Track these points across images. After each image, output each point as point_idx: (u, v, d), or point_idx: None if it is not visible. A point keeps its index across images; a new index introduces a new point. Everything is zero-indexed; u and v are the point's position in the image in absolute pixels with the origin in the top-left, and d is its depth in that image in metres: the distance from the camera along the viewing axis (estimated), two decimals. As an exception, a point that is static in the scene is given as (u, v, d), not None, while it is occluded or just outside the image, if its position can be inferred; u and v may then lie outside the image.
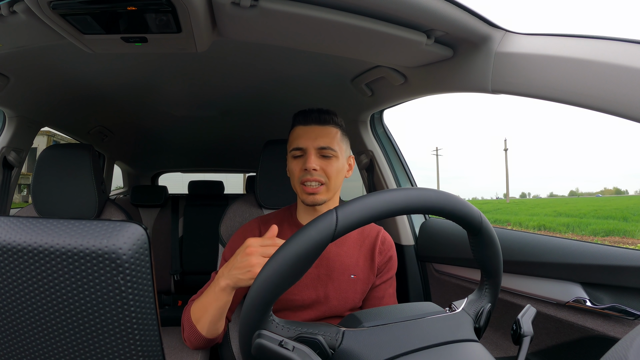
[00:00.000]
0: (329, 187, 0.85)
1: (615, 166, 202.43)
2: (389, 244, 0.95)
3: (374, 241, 0.93)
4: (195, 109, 1.56)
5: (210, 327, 0.76)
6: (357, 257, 0.91)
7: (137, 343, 0.36)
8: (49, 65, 1.03)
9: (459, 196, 0.51)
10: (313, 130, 0.85)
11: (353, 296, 0.89)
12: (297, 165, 0.86)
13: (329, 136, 0.85)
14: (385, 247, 0.94)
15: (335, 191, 0.87)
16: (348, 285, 0.88)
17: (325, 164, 0.84)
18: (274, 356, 0.44)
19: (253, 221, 0.95)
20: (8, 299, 0.36)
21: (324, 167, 0.84)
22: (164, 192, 2.15)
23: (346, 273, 0.89)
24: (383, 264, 0.93)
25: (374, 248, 0.92)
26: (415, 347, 0.47)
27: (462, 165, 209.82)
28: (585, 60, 0.59)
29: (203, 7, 0.63)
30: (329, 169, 0.84)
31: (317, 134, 0.84)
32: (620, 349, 0.30)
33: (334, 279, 0.88)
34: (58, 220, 0.36)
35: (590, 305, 0.77)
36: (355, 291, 0.89)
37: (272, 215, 0.97)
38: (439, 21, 0.70)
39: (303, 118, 0.87)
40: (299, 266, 0.43)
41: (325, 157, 0.84)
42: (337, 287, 0.88)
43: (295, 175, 0.86)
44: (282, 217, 0.96)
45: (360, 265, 0.91)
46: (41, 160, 1.11)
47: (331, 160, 0.84)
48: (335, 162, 0.85)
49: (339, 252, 0.91)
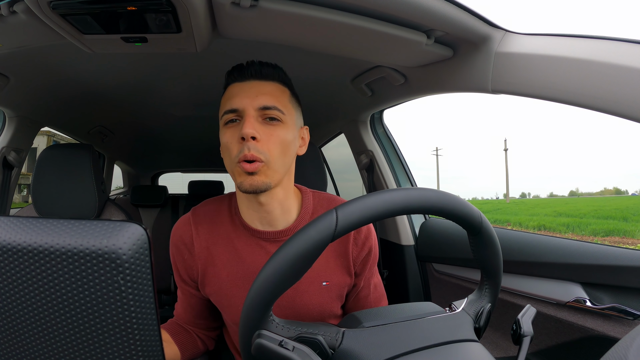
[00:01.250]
0: (271, 166, 0.62)
1: (615, 166, 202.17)
2: (366, 233, 0.73)
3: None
4: (195, 109, 1.56)
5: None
6: (327, 257, 0.71)
7: (137, 343, 0.36)
8: (49, 65, 1.03)
9: (459, 196, 0.51)
10: (252, 86, 0.64)
11: (329, 306, 0.72)
12: (233, 135, 0.63)
13: (274, 94, 0.64)
14: (361, 237, 0.72)
15: (283, 171, 0.65)
16: (320, 295, 0.70)
17: (266, 131, 0.62)
18: (274, 356, 0.44)
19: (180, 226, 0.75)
20: (8, 299, 0.36)
21: (265, 135, 0.62)
22: (164, 192, 2.15)
23: (316, 281, 0.70)
24: (360, 259, 0.73)
25: (346, 241, 0.72)
26: (415, 347, 0.47)
27: (462, 165, 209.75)
28: (586, 60, 0.59)
29: (203, 7, 0.63)
30: (270, 139, 0.62)
31: (258, 91, 0.63)
32: (620, 349, 0.30)
33: (302, 291, 0.69)
34: (58, 220, 0.36)
35: (590, 305, 0.77)
36: (331, 299, 0.72)
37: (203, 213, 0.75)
38: (439, 21, 0.70)
39: (239, 72, 0.66)
40: (299, 266, 0.44)
41: (269, 122, 0.63)
42: (306, 301, 0.70)
43: (232, 150, 0.63)
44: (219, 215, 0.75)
45: (332, 266, 0.71)
46: (41, 160, 1.11)
47: (277, 127, 0.63)
48: (282, 130, 0.63)
49: None
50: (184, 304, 0.80)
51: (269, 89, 0.65)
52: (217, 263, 0.71)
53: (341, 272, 0.72)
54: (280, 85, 0.67)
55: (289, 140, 0.65)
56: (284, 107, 0.64)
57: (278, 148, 0.63)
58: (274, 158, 0.62)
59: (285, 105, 0.65)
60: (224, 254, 0.71)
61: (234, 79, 0.67)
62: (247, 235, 0.71)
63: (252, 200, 0.67)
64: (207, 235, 0.72)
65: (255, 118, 0.62)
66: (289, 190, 0.71)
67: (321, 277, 0.71)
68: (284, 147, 0.64)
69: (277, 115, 0.63)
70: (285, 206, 0.70)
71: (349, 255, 0.72)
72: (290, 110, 0.67)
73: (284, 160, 0.64)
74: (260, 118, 0.63)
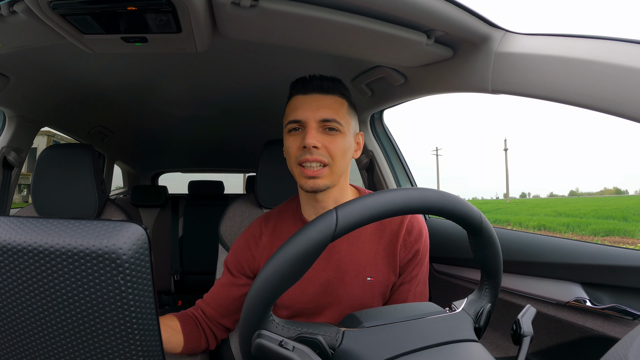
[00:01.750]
0: (333, 170, 0.70)
1: (615, 166, 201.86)
2: (417, 234, 0.77)
3: (397, 232, 0.76)
4: (195, 109, 1.56)
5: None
6: (375, 254, 0.75)
7: (137, 343, 0.36)
8: (49, 65, 1.03)
9: (459, 196, 0.51)
10: (314, 99, 0.71)
11: (371, 302, 0.75)
12: (295, 142, 0.71)
13: (334, 107, 0.71)
14: (412, 239, 0.76)
15: (340, 175, 0.73)
16: (364, 290, 0.74)
17: (329, 140, 0.70)
18: (274, 356, 0.44)
19: (255, 222, 0.86)
20: (8, 299, 0.36)
21: (327, 144, 0.69)
22: (164, 192, 2.16)
23: (361, 275, 0.75)
24: (407, 260, 0.76)
25: (396, 241, 0.75)
26: (415, 347, 0.47)
27: (462, 165, 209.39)
28: (586, 60, 0.59)
29: (203, 7, 0.63)
30: (333, 147, 0.69)
31: (319, 104, 0.71)
32: (620, 349, 0.30)
33: (347, 283, 0.75)
34: (58, 220, 0.36)
35: (590, 305, 0.77)
36: (374, 296, 0.75)
37: (275, 212, 0.87)
38: (439, 21, 0.70)
39: (302, 86, 0.73)
40: (299, 266, 0.44)
41: (328, 132, 0.71)
42: (350, 293, 0.74)
43: (292, 154, 0.71)
44: (285, 212, 0.85)
45: (379, 264, 0.75)
46: (41, 160, 1.11)
47: (336, 136, 0.70)
48: (341, 139, 0.71)
49: (351, 249, 0.76)
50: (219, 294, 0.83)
51: (329, 102, 0.72)
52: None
53: (387, 270, 0.76)
54: (340, 98, 0.74)
55: (346, 147, 0.72)
56: (342, 119, 0.72)
57: (338, 154, 0.70)
58: (336, 163, 0.71)
59: (344, 116, 0.72)
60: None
61: (297, 91, 0.74)
62: None
63: (310, 197, 0.77)
64: (273, 229, 0.82)
65: (316, 129, 0.70)
66: (345, 189, 0.78)
67: (366, 272, 0.75)
68: (341, 153, 0.71)
69: (336, 127, 0.71)
70: (339, 202, 0.75)
71: (396, 256, 0.76)
72: (347, 120, 0.73)
73: (342, 164, 0.72)
74: (320, 129, 0.71)
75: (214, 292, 0.84)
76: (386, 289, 0.76)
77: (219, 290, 0.84)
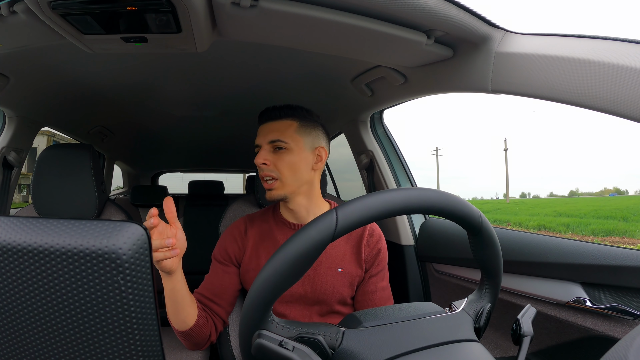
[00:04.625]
0: (284, 182, 0.84)
1: (615, 166, 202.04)
2: (377, 237, 0.94)
3: (361, 234, 0.92)
4: (195, 109, 1.56)
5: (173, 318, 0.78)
6: (344, 250, 0.91)
7: (137, 343, 0.36)
8: (49, 65, 1.03)
9: (459, 196, 0.51)
10: (266, 126, 0.87)
11: (341, 290, 0.89)
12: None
13: (280, 130, 0.85)
14: (373, 240, 0.93)
15: (297, 185, 0.86)
16: (335, 279, 0.88)
17: (275, 157, 0.84)
18: (274, 356, 0.44)
19: (239, 220, 0.97)
20: (8, 299, 0.36)
21: (275, 160, 0.84)
22: (164, 192, 2.15)
23: (333, 267, 0.89)
24: (371, 257, 0.92)
25: (360, 241, 0.91)
26: (415, 347, 0.47)
27: (462, 165, 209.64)
28: (586, 60, 0.59)
29: (203, 7, 0.63)
30: (279, 163, 0.84)
31: (269, 129, 0.86)
32: (620, 349, 0.30)
33: (321, 273, 0.88)
34: (58, 220, 0.36)
35: (590, 305, 0.77)
36: (343, 284, 0.89)
37: (259, 214, 0.98)
38: (439, 21, 0.70)
39: (260, 117, 0.90)
40: (299, 266, 0.44)
41: (277, 151, 0.85)
42: (324, 282, 0.88)
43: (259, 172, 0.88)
44: (266, 215, 0.97)
45: (347, 258, 0.90)
46: (41, 160, 1.11)
47: (282, 153, 0.84)
48: (287, 155, 0.84)
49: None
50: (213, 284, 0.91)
51: (276, 127, 0.86)
52: (259, 248, 0.91)
53: (354, 264, 0.91)
54: (288, 121, 0.87)
55: (294, 161, 0.85)
56: (287, 138, 0.84)
57: (285, 168, 0.84)
58: (285, 176, 0.84)
59: (290, 135, 0.85)
60: (267, 241, 0.91)
61: (259, 122, 0.90)
62: (285, 228, 0.92)
63: (284, 205, 0.91)
64: (257, 229, 0.94)
65: (267, 150, 0.85)
66: (313, 197, 0.90)
67: (338, 264, 0.89)
68: (289, 167, 0.84)
69: (282, 145, 0.84)
70: (310, 210, 0.90)
71: (361, 252, 0.91)
72: (295, 138, 0.85)
73: (293, 176, 0.85)
74: (271, 149, 0.85)
75: (207, 283, 0.91)
76: (353, 279, 0.90)
77: (211, 280, 0.91)
